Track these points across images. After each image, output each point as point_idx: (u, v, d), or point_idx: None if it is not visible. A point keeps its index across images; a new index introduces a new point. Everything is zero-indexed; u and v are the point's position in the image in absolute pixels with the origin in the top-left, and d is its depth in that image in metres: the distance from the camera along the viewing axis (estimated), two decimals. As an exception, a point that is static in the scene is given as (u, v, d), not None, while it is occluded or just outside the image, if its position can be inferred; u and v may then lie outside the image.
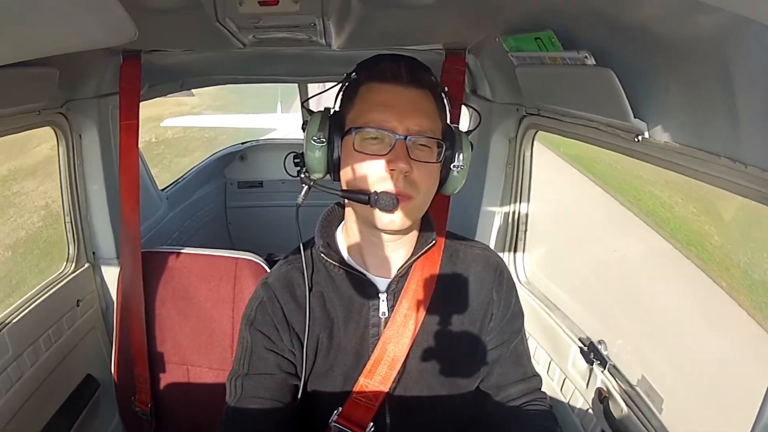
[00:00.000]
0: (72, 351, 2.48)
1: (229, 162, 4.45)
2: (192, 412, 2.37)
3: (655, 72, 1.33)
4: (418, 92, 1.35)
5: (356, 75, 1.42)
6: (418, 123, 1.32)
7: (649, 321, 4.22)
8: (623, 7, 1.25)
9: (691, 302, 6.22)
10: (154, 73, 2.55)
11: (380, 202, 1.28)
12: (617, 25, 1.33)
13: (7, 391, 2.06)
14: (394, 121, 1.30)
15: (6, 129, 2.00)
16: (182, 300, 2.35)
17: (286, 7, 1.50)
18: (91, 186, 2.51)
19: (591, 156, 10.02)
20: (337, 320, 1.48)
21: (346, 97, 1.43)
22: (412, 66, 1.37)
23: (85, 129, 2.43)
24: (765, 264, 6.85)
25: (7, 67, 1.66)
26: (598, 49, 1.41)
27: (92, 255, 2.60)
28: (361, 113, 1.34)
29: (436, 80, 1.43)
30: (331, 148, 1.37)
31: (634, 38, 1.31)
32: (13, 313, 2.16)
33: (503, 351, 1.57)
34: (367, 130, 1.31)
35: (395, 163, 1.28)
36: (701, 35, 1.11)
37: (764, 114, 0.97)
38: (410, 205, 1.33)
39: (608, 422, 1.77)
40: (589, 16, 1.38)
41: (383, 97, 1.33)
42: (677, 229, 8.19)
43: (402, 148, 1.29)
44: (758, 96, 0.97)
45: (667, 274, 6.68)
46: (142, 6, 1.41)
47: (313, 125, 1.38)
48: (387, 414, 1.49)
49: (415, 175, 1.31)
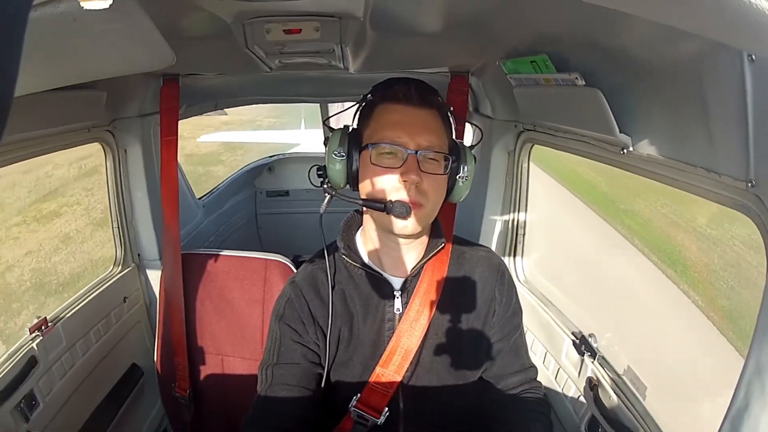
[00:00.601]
0: (119, 342, 2.50)
1: (259, 173, 4.47)
2: (226, 397, 2.38)
3: (638, 92, 1.33)
4: (426, 112, 1.38)
5: (372, 96, 1.45)
6: (427, 139, 1.35)
7: (635, 316, 4.20)
8: (610, 34, 1.25)
9: (672, 299, 6.19)
10: (190, 94, 2.57)
11: (395, 209, 1.31)
12: (605, 50, 1.33)
13: (61, 378, 2.09)
14: (406, 137, 1.33)
15: (61, 145, 2.03)
16: (218, 297, 2.36)
17: (309, 35, 1.51)
18: (136, 195, 2.53)
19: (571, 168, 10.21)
20: (357, 315, 1.49)
21: (363, 115, 1.46)
22: (422, 89, 1.40)
23: (130, 145, 2.46)
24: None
25: (62, 90, 1.69)
26: (588, 71, 1.42)
27: (137, 257, 2.62)
28: (376, 130, 1.37)
29: (443, 101, 1.46)
30: (350, 162, 1.40)
31: (620, 62, 1.32)
32: (66, 308, 2.18)
33: (504, 344, 1.58)
34: (382, 145, 1.34)
35: (408, 174, 1.31)
36: (680, 60, 1.11)
37: (736, 130, 0.97)
38: (421, 212, 1.35)
39: (598, 407, 1.77)
40: (580, 41, 1.38)
41: (396, 117, 1.36)
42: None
43: (413, 161, 1.32)
44: (730, 114, 0.97)
45: (649, 275, 6.67)
46: (179, 35, 1.43)
47: (333, 141, 1.41)
48: (400, 400, 1.50)
49: (425, 186, 1.34)
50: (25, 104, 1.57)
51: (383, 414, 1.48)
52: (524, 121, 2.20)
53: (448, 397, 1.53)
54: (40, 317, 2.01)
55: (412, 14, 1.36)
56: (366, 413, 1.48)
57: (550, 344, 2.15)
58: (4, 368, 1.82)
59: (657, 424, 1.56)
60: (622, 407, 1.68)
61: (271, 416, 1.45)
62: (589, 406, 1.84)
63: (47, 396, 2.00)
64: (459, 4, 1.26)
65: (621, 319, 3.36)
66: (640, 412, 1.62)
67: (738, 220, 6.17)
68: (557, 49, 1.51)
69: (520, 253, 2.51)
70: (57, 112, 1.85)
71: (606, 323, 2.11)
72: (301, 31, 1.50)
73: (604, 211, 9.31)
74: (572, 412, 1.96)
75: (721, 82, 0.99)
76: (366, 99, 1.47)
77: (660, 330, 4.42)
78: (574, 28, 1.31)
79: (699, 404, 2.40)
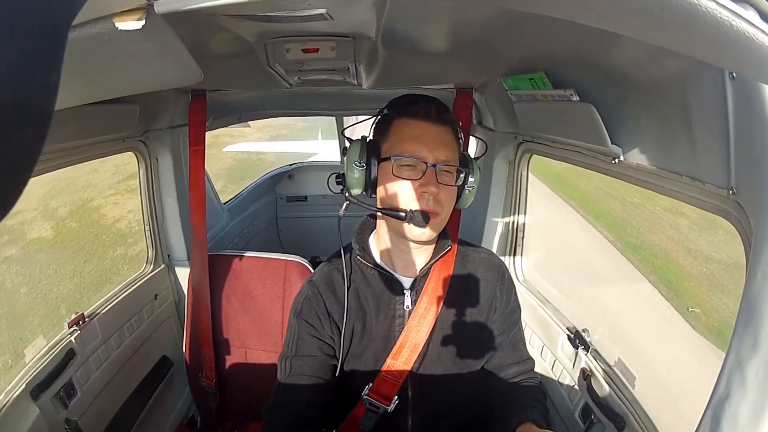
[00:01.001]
0: (150, 336, 2.53)
1: (279, 180, 4.48)
2: (249, 386, 2.39)
3: (629, 106, 1.34)
4: (443, 128, 1.41)
5: (388, 110, 1.46)
6: (444, 153, 1.37)
7: (625, 313, 4.20)
8: (602, 53, 1.26)
9: (658, 297, 6.19)
10: (217, 108, 2.59)
11: (415, 218, 1.34)
12: (597, 68, 1.34)
13: (97, 369, 2.12)
14: (425, 151, 1.35)
15: (98, 153, 2.07)
16: (242, 294, 2.37)
17: (325, 54, 1.53)
18: (167, 200, 2.55)
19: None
20: (370, 312, 1.51)
21: (380, 128, 1.47)
22: (439, 107, 1.42)
23: (161, 154, 2.48)
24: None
25: (99, 104, 1.73)
26: (582, 87, 1.43)
27: (167, 257, 2.64)
28: (396, 143, 1.39)
29: (455, 118, 1.47)
30: (369, 171, 1.41)
31: (612, 79, 1.33)
32: (102, 305, 2.21)
33: (504, 338, 1.60)
34: (404, 158, 1.36)
35: (427, 186, 1.34)
36: (667, 77, 1.12)
37: (719, 141, 0.98)
38: (437, 220, 1.38)
39: (591, 396, 1.78)
40: (574, 60, 1.39)
41: (417, 132, 1.38)
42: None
43: (432, 174, 1.35)
44: (713, 127, 0.99)
45: (639, 275, 6.67)
46: (207, 54, 1.46)
47: (353, 151, 1.42)
48: (409, 389, 1.52)
49: (441, 196, 1.36)
50: (66, 117, 1.60)
51: (393, 402, 1.49)
52: (524, 133, 2.22)
53: (452, 386, 1.54)
54: (77, 313, 2.04)
55: (420, 34, 1.37)
56: (377, 401, 1.50)
57: (547, 338, 2.15)
58: (45, 359, 1.85)
59: (645, 411, 1.58)
60: (613, 395, 1.69)
61: (290, 402, 1.47)
62: (583, 394, 1.85)
63: (84, 385, 2.03)
64: (463, 25, 1.28)
65: (613, 315, 3.36)
66: (629, 400, 1.64)
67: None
68: (553, 67, 1.53)
69: (519, 254, 2.52)
70: (94, 123, 1.88)
71: (599, 319, 2.11)
72: (319, 50, 1.52)
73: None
74: (567, 401, 1.97)
75: (704, 97, 1.00)
76: (382, 112, 1.48)
77: (650, 325, 4.42)
78: (568, 48, 1.32)
79: (684, 393, 2.40)
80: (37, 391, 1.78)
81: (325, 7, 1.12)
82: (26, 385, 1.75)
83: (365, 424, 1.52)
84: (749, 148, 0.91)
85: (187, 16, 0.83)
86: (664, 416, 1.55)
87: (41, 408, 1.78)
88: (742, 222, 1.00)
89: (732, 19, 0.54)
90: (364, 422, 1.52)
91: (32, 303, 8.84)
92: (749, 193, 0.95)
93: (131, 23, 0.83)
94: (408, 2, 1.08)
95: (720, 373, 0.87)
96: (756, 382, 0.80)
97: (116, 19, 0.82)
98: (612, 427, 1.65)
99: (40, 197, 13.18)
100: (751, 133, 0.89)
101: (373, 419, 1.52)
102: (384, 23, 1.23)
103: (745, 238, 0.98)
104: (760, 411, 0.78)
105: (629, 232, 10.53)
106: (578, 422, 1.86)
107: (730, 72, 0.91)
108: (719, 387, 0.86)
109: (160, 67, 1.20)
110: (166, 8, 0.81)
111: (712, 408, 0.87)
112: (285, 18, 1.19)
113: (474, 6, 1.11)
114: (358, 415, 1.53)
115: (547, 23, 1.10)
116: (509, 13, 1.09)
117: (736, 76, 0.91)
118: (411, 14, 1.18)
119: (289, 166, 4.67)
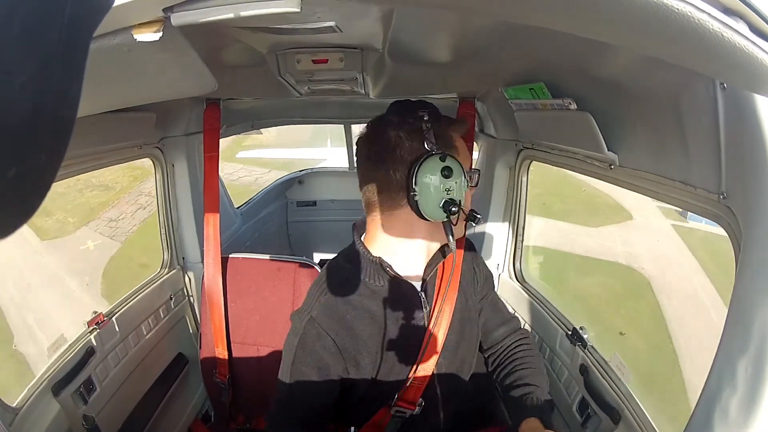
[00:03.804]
0: (166, 334, 2.55)
1: (290, 186, 4.49)
2: (261, 381, 2.39)
3: (624, 115, 1.34)
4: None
5: (435, 119, 1.35)
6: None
7: (620, 311, 4.19)
8: (599, 64, 1.26)
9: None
10: (230, 116, 2.62)
11: (478, 219, 1.39)
12: (594, 78, 1.34)
13: (115, 366, 2.13)
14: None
15: (116, 159, 2.08)
16: (254, 295, 2.38)
17: (334, 65, 1.54)
18: (182, 205, 2.57)
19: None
20: (387, 326, 1.41)
21: (445, 143, 1.35)
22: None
23: (177, 160, 2.50)
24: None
25: (117, 112, 1.75)
26: (579, 96, 1.44)
27: (182, 259, 2.66)
28: (465, 159, 1.38)
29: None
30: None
31: (608, 88, 1.33)
32: (120, 305, 2.23)
33: (484, 302, 1.68)
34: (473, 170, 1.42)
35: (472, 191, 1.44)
36: (661, 87, 1.12)
37: (710, 148, 0.99)
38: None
39: (588, 390, 1.80)
40: (572, 70, 1.40)
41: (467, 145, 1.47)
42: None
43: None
44: (705, 134, 0.99)
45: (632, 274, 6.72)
46: (221, 64, 1.47)
47: (456, 171, 1.29)
48: (437, 387, 1.50)
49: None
50: (86, 124, 1.61)
51: (418, 405, 1.46)
52: (524, 140, 2.22)
53: (468, 370, 1.58)
54: (96, 312, 2.05)
55: (425, 46, 1.38)
56: (404, 408, 1.46)
57: (546, 335, 2.15)
58: (66, 357, 1.86)
59: (639, 405, 1.58)
60: (609, 390, 1.69)
61: (296, 407, 1.45)
62: (580, 389, 1.86)
63: (103, 381, 2.04)
64: (466, 37, 1.28)
65: (608, 313, 3.36)
66: (624, 394, 1.65)
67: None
68: (552, 77, 1.53)
69: (519, 256, 2.51)
70: (113, 131, 1.90)
71: (595, 317, 2.12)
72: (328, 61, 1.53)
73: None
74: (565, 395, 1.97)
75: (697, 106, 1.01)
76: (437, 125, 1.35)
77: (644, 322, 4.42)
78: (567, 58, 1.32)
79: (676, 387, 2.40)
80: (58, 388, 1.80)
81: (334, 20, 1.13)
82: (48, 382, 1.77)
83: (391, 428, 1.48)
84: (739, 155, 0.92)
85: (202, 29, 0.84)
86: (657, 411, 1.55)
87: (62, 403, 1.80)
88: (731, 225, 1.00)
89: (723, 30, 0.54)
90: (390, 427, 1.48)
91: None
92: (739, 197, 0.95)
93: (149, 35, 0.83)
94: (412, 16, 1.09)
95: (711, 369, 0.87)
96: (746, 378, 0.80)
97: (134, 31, 0.83)
98: (608, 420, 1.65)
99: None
100: (740, 140, 0.89)
101: (399, 423, 1.48)
102: (390, 35, 1.24)
103: (734, 240, 0.98)
104: (750, 405, 0.78)
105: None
106: (576, 416, 1.86)
107: (721, 82, 0.92)
108: (710, 382, 0.86)
109: (176, 77, 1.20)
110: (182, 21, 0.81)
111: (703, 402, 0.87)
112: (296, 30, 1.20)
113: (474, 19, 1.11)
114: (380, 420, 1.49)
115: (546, 35, 1.10)
116: (509, 26, 1.10)
117: (727, 87, 0.91)
118: (415, 27, 1.18)
119: (300, 171, 4.68)
